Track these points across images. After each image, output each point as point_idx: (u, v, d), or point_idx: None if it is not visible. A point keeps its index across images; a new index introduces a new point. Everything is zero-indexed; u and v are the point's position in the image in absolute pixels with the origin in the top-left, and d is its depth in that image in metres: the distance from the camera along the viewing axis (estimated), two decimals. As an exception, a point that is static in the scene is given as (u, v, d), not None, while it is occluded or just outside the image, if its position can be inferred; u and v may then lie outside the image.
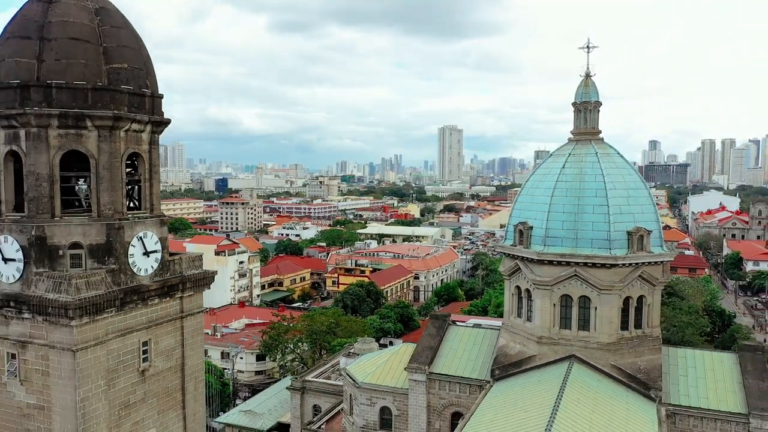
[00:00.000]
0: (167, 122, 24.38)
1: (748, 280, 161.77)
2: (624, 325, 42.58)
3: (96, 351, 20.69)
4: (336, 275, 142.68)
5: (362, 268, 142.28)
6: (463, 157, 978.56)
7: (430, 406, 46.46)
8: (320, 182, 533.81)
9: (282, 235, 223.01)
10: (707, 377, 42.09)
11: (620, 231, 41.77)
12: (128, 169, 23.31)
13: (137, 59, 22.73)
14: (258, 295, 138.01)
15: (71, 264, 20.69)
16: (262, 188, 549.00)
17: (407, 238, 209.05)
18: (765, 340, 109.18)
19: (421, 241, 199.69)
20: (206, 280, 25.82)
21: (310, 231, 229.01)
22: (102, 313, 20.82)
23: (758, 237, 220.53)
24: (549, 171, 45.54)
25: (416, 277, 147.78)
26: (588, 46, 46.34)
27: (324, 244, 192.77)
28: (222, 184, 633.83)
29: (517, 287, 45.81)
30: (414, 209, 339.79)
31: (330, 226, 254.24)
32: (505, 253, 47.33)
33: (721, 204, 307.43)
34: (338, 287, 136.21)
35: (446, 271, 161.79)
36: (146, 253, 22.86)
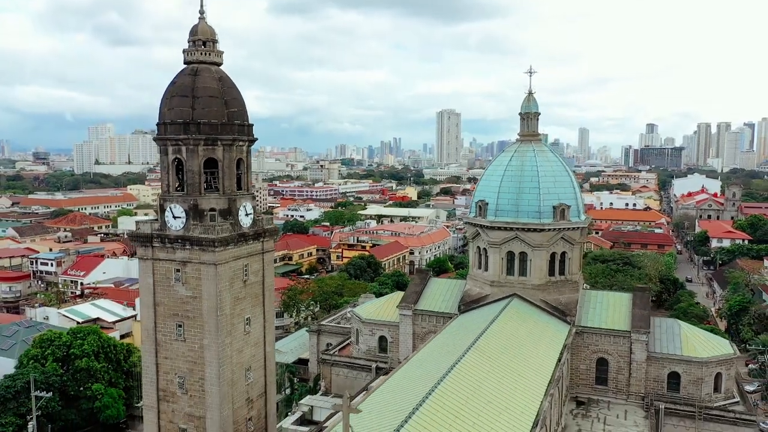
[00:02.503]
0: (256, 140, 41.25)
1: (711, 255, 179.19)
2: (551, 272, 60.19)
3: (225, 266, 37.78)
4: (340, 250, 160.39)
5: (363, 244, 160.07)
6: (462, 141, 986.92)
7: (414, 333, 64.20)
8: (321, 166, 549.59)
9: (288, 216, 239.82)
10: (608, 309, 59.83)
11: (548, 206, 59.21)
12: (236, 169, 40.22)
13: (240, 105, 39.51)
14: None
15: (210, 219, 37.70)
16: (264, 172, 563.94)
17: (404, 219, 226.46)
18: (714, 304, 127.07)
19: (416, 221, 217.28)
20: (275, 231, 43.07)
21: (313, 212, 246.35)
22: (227, 246, 37.80)
23: (732, 217, 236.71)
24: (500, 163, 62.97)
25: (411, 253, 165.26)
26: (530, 72, 63.42)
27: (327, 223, 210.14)
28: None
29: (478, 247, 63.39)
30: (411, 192, 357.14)
31: (332, 207, 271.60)
32: (469, 223, 64.89)
33: (703, 187, 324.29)
34: (342, 261, 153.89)
35: (439, 247, 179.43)
36: (246, 215, 39.92)
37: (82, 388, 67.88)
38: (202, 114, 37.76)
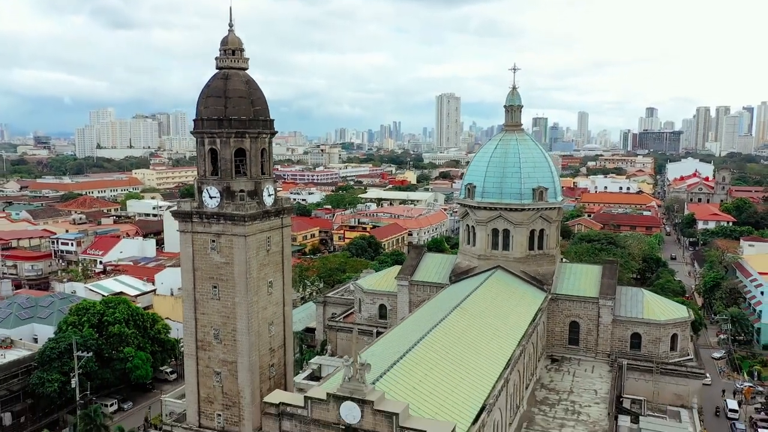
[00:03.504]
0: (276, 132, 49.04)
1: (697, 237, 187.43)
2: (531, 247, 68.29)
3: (252, 238, 45.69)
4: (342, 231, 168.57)
5: (364, 226, 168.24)
6: (462, 124, 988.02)
7: (411, 301, 72.42)
8: (321, 150, 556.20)
9: (290, 199, 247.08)
10: (581, 279, 68.04)
11: (528, 188, 67.14)
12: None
13: (263, 104, 47.21)
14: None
15: (240, 199, 45.59)
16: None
17: (403, 202, 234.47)
18: (695, 281, 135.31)
19: (415, 205, 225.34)
20: (292, 209, 51.01)
21: (315, 196, 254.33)
22: (254, 221, 45.66)
23: (721, 201, 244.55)
24: (487, 150, 70.85)
25: (410, 234, 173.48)
26: (514, 69, 71.02)
27: (329, 206, 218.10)
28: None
29: (467, 225, 71.43)
30: (411, 176, 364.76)
31: (333, 191, 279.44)
32: (459, 203, 72.88)
33: (695, 171, 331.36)
34: (344, 242, 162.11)
35: (436, 229, 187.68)
36: (269, 195, 47.80)
37: (114, 352, 76.33)
38: (233, 112, 45.54)
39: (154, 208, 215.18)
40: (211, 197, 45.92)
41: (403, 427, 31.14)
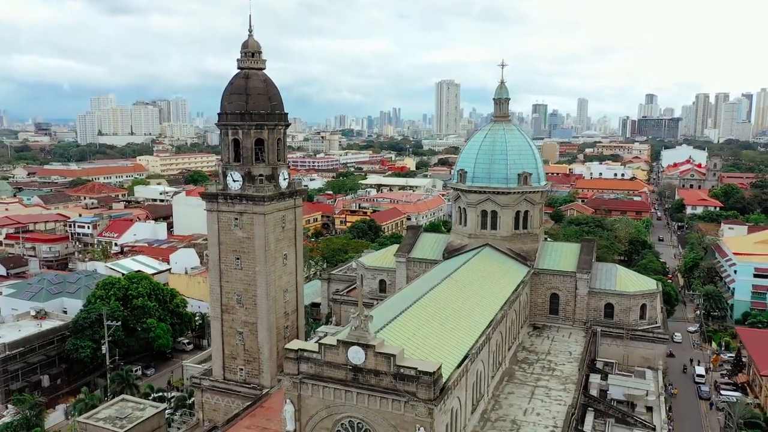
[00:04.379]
0: (290, 124, 56.24)
1: (685, 221, 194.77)
2: (516, 227, 75.60)
3: (270, 216, 52.89)
4: (343, 215, 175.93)
5: (364, 210, 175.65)
6: (461, 111, 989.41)
7: (408, 276, 79.84)
8: (322, 137, 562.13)
9: (301, 182, 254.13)
10: (561, 255, 75.45)
11: (514, 173, 74.31)
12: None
13: (278, 99, 54.25)
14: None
15: (259, 182, 52.80)
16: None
17: (402, 188, 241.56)
18: (677, 262, 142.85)
19: (414, 190, 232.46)
20: (303, 191, 58.38)
21: (316, 182, 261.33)
22: (272, 201, 52.86)
23: (712, 187, 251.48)
24: (477, 139, 78.02)
25: (408, 218, 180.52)
26: (502, 65, 77.92)
27: (331, 192, 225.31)
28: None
29: (459, 207, 78.76)
30: (410, 162, 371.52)
31: (334, 177, 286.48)
32: (452, 188, 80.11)
33: (689, 157, 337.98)
34: (345, 226, 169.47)
35: (434, 213, 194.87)
36: (284, 179, 54.98)
37: (138, 323, 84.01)
38: (253, 107, 52.74)
39: (161, 193, 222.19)
40: (234, 181, 53.22)
41: (399, 365, 38.51)
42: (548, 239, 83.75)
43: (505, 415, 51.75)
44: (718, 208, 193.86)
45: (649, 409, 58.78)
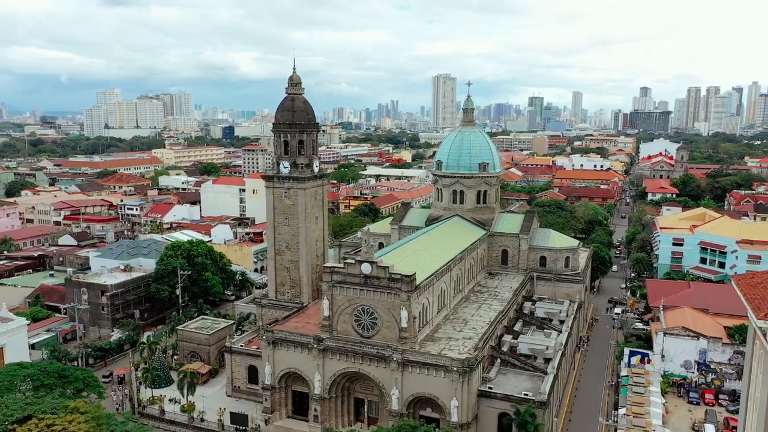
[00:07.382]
0: (321, 130, 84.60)
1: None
2: (478, 202, 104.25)
3: (308, 191, 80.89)
4: (347, 201, 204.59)
5: (365, 196, 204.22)
6: (458, 104, 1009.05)
7: (400, 239, 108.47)
8: (323, 131, 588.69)
9: (326, 169, 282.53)
10: (510, 222, 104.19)
11: (476, 163, 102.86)
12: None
13: (312, 113, 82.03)
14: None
15: (301, 169, 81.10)
16: (268, 135, 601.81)
17: (399, 177, 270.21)
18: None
19: (409, 180, 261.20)
20: (329, 175, 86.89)
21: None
22: (309, 181, 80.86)
23: (678, 177, 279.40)
24: (450, 138, 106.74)
25: (403, 203, 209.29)
26: (468, 83, 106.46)
27: (335, 181, 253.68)
28: (228, 131, 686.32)
29: (437, 188, 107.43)
30: (406, 155, 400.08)
31: (335, 168, 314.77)
32: (432, 174, 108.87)
33: (665, 150, 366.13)
34: (349, 209, 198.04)
35: (426, 199, 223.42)
36: (316, 167, 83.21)
37: (199, 275, 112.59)
38: (297, 119, 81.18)
39: (183, 182, 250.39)
40: (284, 168, 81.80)
41: (391, 273, 67.05)
42: (501, 211, 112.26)
43: (460, 317, 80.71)
44: (674, 195, 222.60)
45: (548, 360, 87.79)
